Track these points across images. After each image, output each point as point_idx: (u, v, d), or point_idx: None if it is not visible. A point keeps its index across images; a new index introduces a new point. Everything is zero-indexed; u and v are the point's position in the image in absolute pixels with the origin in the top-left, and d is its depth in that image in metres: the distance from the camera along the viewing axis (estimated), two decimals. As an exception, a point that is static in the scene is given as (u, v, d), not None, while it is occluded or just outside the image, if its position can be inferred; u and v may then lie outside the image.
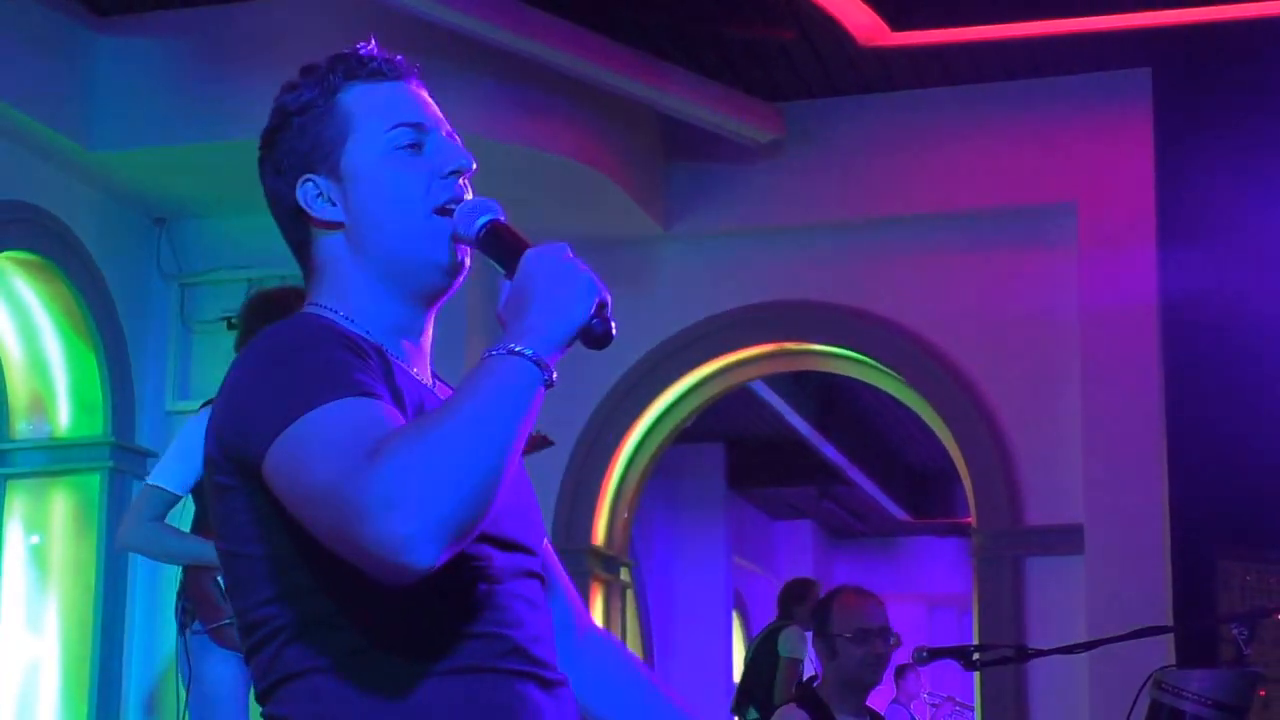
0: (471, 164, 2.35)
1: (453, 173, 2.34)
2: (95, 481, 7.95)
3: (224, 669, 5.59)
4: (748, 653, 10.49)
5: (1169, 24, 7.68)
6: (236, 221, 8.36)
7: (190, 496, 5.87)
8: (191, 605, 5.72)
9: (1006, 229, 8.32)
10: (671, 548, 14.77)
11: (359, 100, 2.34)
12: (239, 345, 5.97)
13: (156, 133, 7.71)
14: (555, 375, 2.11)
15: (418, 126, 2.34)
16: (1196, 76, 8.13)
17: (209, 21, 7.73)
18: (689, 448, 13.50)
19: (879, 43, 7.88)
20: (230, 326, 8.18)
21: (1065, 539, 7.95)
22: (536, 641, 2.26)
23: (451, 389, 2.35)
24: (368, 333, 2.29)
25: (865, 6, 7.65)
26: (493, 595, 2.21)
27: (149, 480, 5.89)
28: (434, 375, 2.42)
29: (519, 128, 7.67)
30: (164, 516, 5.83)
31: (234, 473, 2.20)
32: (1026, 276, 8.28)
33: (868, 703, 5.52)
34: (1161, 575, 7.69)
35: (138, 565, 8.00)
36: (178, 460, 5.84)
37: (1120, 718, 4.63)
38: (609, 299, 2.16)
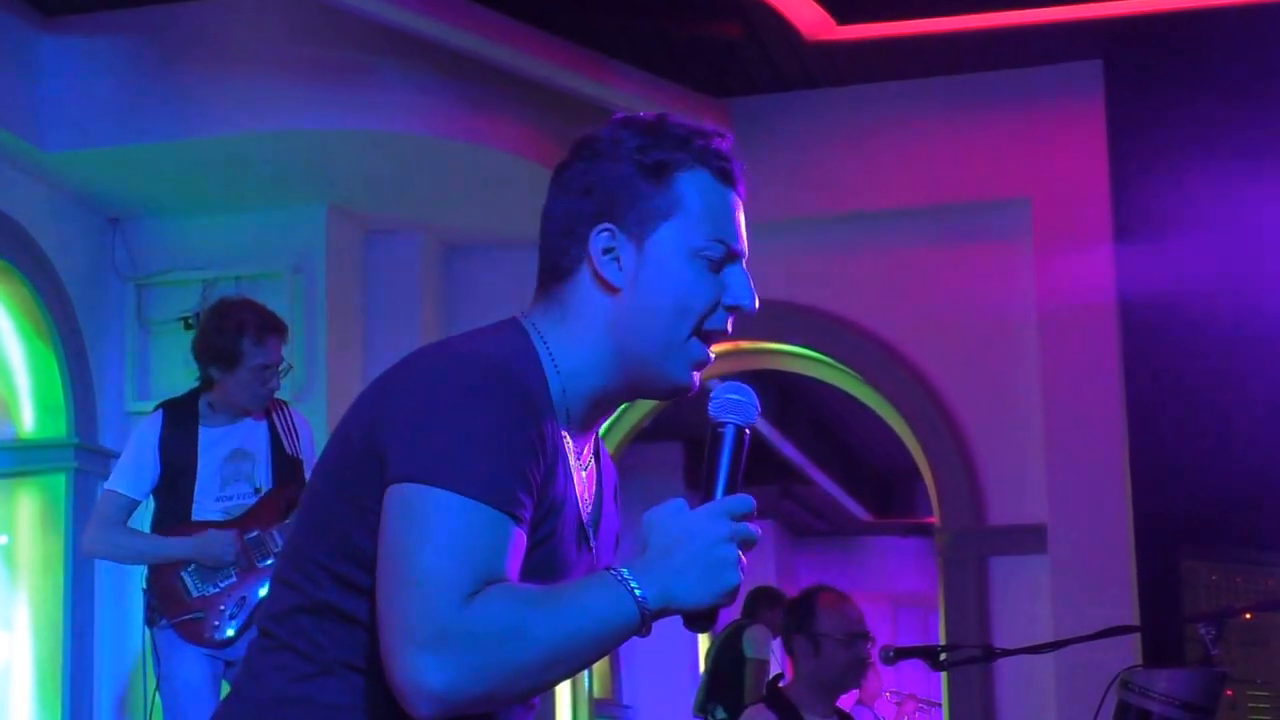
0: (755, 308, 2.35)
1: (734, 308, 2.33)
2: (60, 482, 7.95)
3: (192, 664, 5.64)
4: (710, 651, 10.46)
5: (1119, 15, 7.69)
6: (191, 222, 8.35)
7: (151, 497, 5.86)
8: (157, 601, 5.72)
9: (961, 225, 8.30)
10: (631, 547, 14.74)
11: (695, 189, 2.33)
12: (194, 348, 5.98)
13: (109, 133, 7.65)
14: (650, 631, 2.11)
15: (731, 250, 2.34)
16: (1148, 68, 8.12)
17: (158, 20, 7.67)
18: (647, 447, 13.48)
19: (825, 37, 7.85)
20: (187, 327, 8.15)
21: (1029, 538, 7.95)
22: None
23: (604, 465, 2.42)
24: (563, 391, 2.27)
25: (811, 1, 7.62)
26: None
27: (107, 485, 5.91)
28: (594, 445, 2.41)
29: (467, 125, 7.66)
30: (126, 521, 5.84)
31: (370, 452, 2.15)
32: (983, 273, 8.26)
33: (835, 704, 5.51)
34: (1125, 574, 7.69)
35: (105, 563, 7.97)
36: (134, 464, 5.86)
37: (1088, 717, 4.63)
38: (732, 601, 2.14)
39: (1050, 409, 7.98)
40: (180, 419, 5.85)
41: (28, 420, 8.06)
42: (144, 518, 5.95)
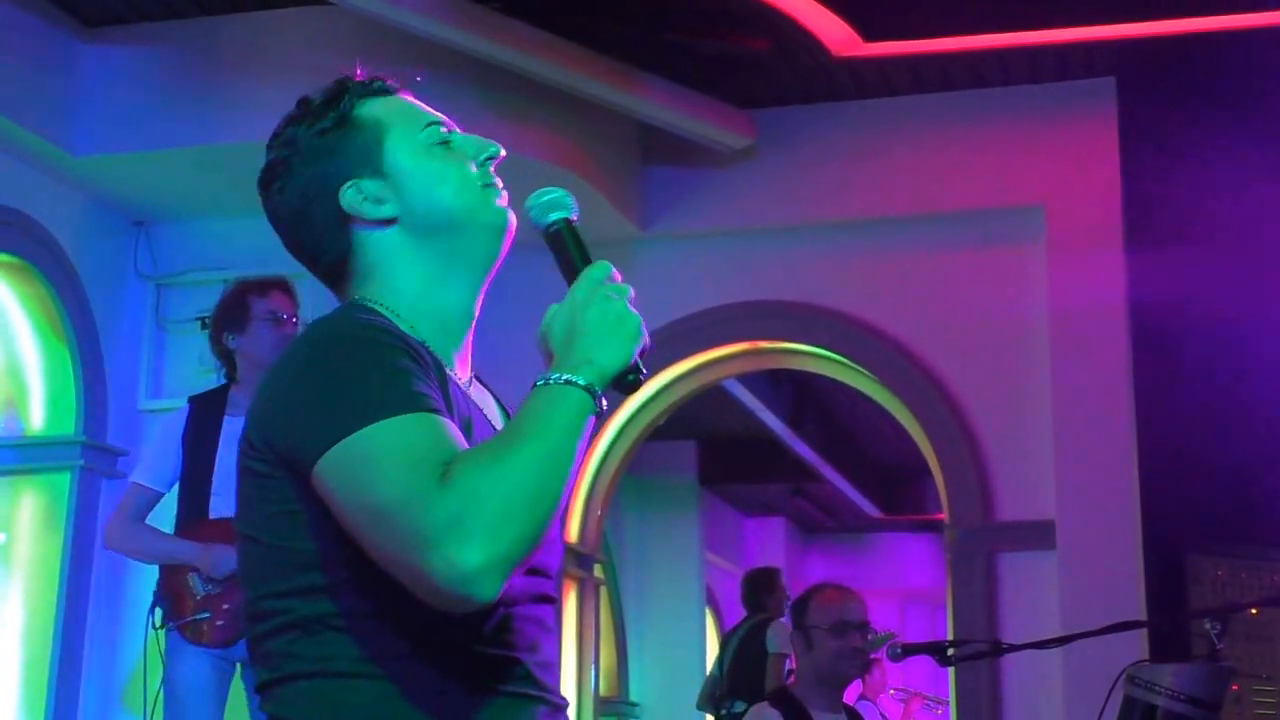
0: (500, 150, 2.41)
1: (487, 158, 2.40)
2: (65, 480, 7.92)
3: (196, 666, 5.58)
4: (727, 645, 10.47)
5: (1133, 35, 7.77)
6: (216, 225, 8.42)
7: (176, 489, 5.88)
8: (165, 604, 5.69)
9: (976, 231, 8.37)
10: (644, 544, 14.78)
11: (379, 109, 2.39)
12: (211, 338, 5.99)
13: (139, 138, 7.74)
14: (604, 404, 2.15)
15: (443, 124, 2.41)
16: (1159, 85, 8.20)
17: (192, 33, 7.79)
18: (662, 445, 13.49)
19: (851, 53, 7.94)
20: (204, 326, 8.22)
21: (1037, 535, 7.98)
22: (545, 668, 2.26)
23: (486, 388, 2.43)
24: (412, 329, 2.27)
25: (838, 18, 7.72)
26: (509, 618, 2.20)
27: (132, 478, 5.90)
28: (473, 376, 2.43)
29: (500, 135, 7.60)
30: (147, 514, 5.84)
31: (275, 464, 2.18)
32: (997, 277, 8.32)
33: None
34: (1133, 570, 7.72)
35: (101, 563, 7.99)
36: (158, 457, 5.85)
37: (1094, 712, 4.65)
38: (650, 346, 2.22)
39: (1060, 408, 8.02)
40: (206, 412, 5.80)
41: (37, 417, 8.05)
42: (169, 509, 5.90)
